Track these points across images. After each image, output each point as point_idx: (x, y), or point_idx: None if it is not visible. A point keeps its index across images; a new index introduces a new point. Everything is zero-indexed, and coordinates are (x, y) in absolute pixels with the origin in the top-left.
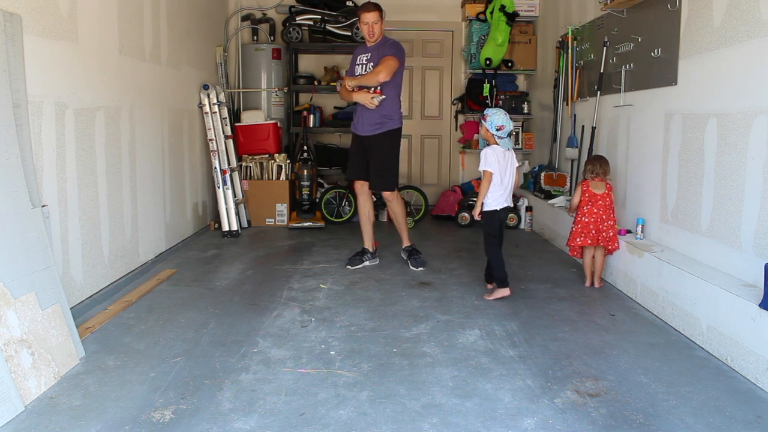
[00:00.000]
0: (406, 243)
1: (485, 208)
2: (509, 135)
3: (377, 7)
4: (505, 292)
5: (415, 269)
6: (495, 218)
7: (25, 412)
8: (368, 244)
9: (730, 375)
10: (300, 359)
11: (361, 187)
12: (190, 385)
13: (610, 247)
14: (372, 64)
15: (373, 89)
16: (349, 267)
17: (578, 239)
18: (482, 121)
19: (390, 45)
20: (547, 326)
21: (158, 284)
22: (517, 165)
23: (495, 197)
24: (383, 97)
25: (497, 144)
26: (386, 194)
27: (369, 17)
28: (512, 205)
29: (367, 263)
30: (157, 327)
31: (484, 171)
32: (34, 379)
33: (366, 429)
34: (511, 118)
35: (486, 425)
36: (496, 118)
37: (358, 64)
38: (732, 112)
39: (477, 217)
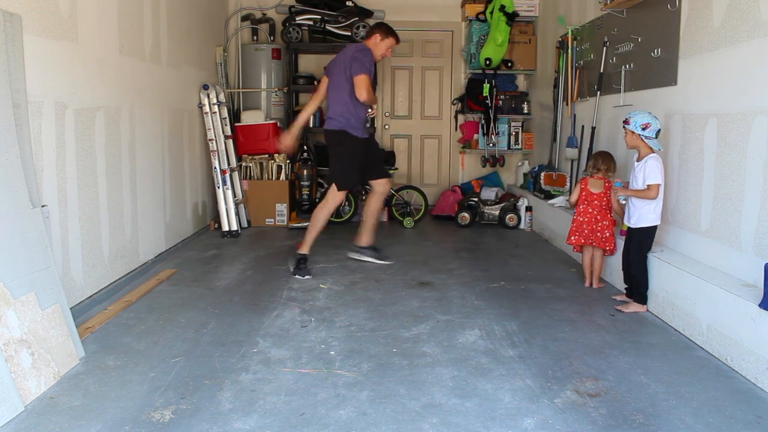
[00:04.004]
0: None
1: (650, 223)
2: (657, 135)
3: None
4: (642, 308)
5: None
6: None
7: (25, 412)
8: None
9: (730, 375)
10: (300, 359)
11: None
12: (190, 385)
13: (607, 248)
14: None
15: None
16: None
17: (572, 237)
18: (625, 126)
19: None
20: (547, 326)
21: (158, 284)
22: (645, 181)
23: (659, 212)
24: None
25: (650, 149)
26: (386, 182)
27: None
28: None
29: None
30: (157, 327)
31: (650, 185)
32: (34, 379)
33: (366, 429)
34: (653, 117)
35: (486, 425)
36: (640, 117)
37: None
38: (732, 112)
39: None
